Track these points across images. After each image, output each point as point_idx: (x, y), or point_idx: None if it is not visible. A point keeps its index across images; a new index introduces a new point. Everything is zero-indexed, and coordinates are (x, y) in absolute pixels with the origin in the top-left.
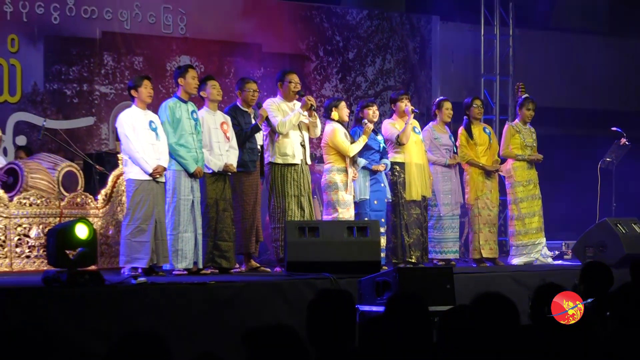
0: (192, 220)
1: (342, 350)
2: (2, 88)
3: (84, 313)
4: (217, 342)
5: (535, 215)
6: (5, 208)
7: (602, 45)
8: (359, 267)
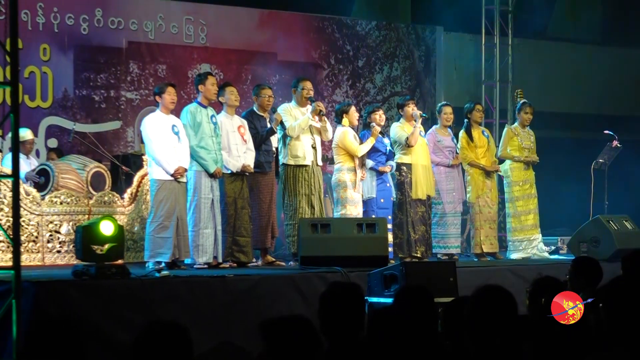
0: (212, 217)
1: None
2: (35, 94)
3: (111, 304)
4: (235, 332)
5: (530, 213)
6: (37, 206)
7: (595, 53)
8: (367, 262)
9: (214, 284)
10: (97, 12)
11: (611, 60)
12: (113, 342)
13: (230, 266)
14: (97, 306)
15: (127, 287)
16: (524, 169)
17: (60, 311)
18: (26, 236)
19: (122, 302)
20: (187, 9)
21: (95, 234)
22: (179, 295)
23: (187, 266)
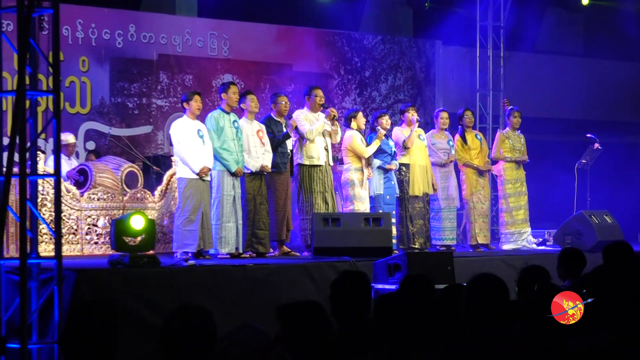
0: (233, 212)
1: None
2: (75, 101)
3: (142, 290)
4: (254, 315)
5: (521, 209)
6: (77, 202)
7: (578, 65)
8: (373, 252)
9: (235, 272)
10: (130, 28)
11: (592, 71)
12: (144, 325)
13: (250, 256)
14: (130, 292)
15: (157, 275)
16: (516, 168)
17: (97, 296)
18: (67, 229)
19: (152, 288)
20: (212, 25)
21: (127, 227)
22: (203, 282)
23: (211, 256)
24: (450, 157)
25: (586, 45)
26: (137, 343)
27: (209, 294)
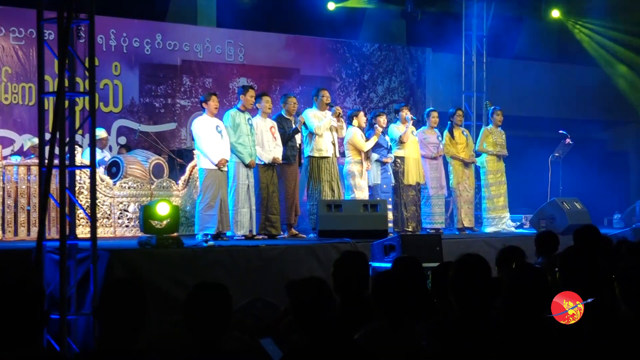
0: (248, 199)
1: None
2: (109, 101)
3: (167, 268)
4: (266, 290)
5: (501, 196)
6: (110, 190)
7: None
8: (371, 234)
9: (250, 252)
10: (157, 37)
11: (564, 75)
12: (169, 299)
13: (262, 238)
14: (157, 269)
15: (181, 255)
16: (497, 160)
17: (128, 273)
18: (101, 214)
19: (176, 266)
20: (229, 34)
21: (155, 212)
22: (221, 261)
23: (229, 238)
24: (440, 151)
25: (558, 52)
26: (162, 315)
27: (226, 271)
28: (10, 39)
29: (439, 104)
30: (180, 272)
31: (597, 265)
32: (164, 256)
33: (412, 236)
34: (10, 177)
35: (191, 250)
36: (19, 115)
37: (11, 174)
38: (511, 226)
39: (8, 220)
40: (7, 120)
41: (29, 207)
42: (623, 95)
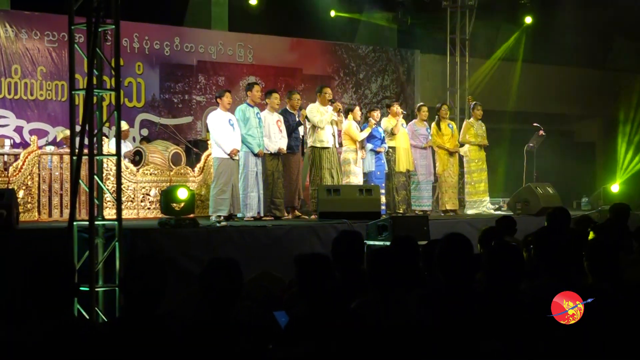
0: (256, 184)
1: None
2: (132, 97)
3: (184, 245)
4: (272, 264)
5: (482, 182)
6: (133, 176)
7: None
8: (366, 216)
9: (258, 231)
10: (175, 40)
11: (538, 73)
12: (186, 273)
13: (269, 219)
14: (175, 247)
15: (197, 234)
16: (478, 150)
17: (149, 250)
18: (126, 197)
19: (192, 244)
20: (239, 37)
21: (175, 196)
22: (233, 239)
23: (239, 219)
24: (429, 142)
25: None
26: (180, 287)
27: (236, 248)
28: (45, 42)
29: (427, 100)
30: (196, 249)
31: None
32: (181, 235)
33: (402, 217)
34: (45, 164)
35: (206, 230)
36: (52, 109)
37: (46, 162)
38: (490, 209)
39: (43, 203)
40: (42, 114)
41: (62, 191)
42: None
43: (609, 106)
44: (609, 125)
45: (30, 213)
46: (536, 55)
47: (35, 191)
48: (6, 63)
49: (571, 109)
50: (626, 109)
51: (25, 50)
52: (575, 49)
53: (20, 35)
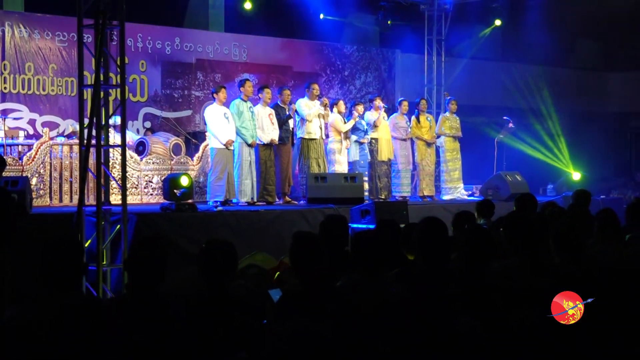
0: (250, 172)
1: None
2: (136, 92)
3: (184, 228)
4: (264, 246)
5: (456, 170)
6: (137, 165)
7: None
8: (350, 201)
9: (252, 215)
10: (176, 40)
11: (507, 70)
12: (185, 253)
13: (262, 204)
14: (176, 229)
15: (195, 217)
16: (453, 141)
17: (152, 233)
18: (130, 184)
19: (191, 227)
20: (235, 38)
21: (177, 183)
22: (228, 222)
23: (234, 204)
24: (408, 134)
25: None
26: (180, 266)
27: (232, 231)
28: (56, 42)
29: (406, 95)
30: (194, 231)
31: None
32: (181, 219)
33: (383, 202)
34: (56, 154)
35: (203, 214)
36: (63, 103)
37: (57, 152)
38: (464, 194)
39: (54, 190)
40: (53, 108)
41: (72, 178)
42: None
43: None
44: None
45: (42, 199)
46: (506, 54)
47: (47, 179)
48: (20, 61)
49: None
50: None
51: (38, 49)
52: (542, 49)
53: (34, 36)
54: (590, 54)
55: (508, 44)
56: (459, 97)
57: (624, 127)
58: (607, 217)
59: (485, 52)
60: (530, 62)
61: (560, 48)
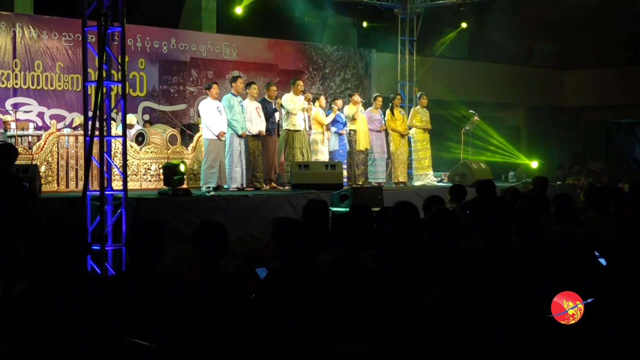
0: (240, 161)
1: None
2: (136, 88)
3: (180, 211)
4: (253, 227)
5: (426, 159)
6: (137, 154)
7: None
8: (331, 187)
9: (241, 200)
10: (172, 40)
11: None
12: (181, 234)
13: (250, 189)
14: (172, 213)
15: (190, 202)
16: (423, 133)
17: (150, 216)
18: (130, 171)
19: (186, 210)
20: (225, 38)
21: (177, 169)
22: (220, 206)
23: (225, 189)
24: (383, 126)
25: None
26: (176, 246)
27: (223, 214)
28: (62, 41)
29: (381, 91)
30: (189, 214)
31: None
32: (177, 203)
33: (360, 188)
34: (63, 144)
35: (197, 199)
36: (69, 98)
37: (63, 142)
38: (434, 181)
39: (61, 177)
40: (60, 102)
41: (77, 166)
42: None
43: (533, 97)
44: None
45: (50, 184)
46: (472, 53)
47: (54, 166)
48: (30, 59)
49: (500, 99)
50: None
51: (46, 48)
52: (505, 49)
53: (42, 36)
54: (548, 53)
55: (474, 44)
56: (429, 92)
57: (578, 120)
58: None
59: (453, 52)
60: (494, 61)
61: (521, 48)
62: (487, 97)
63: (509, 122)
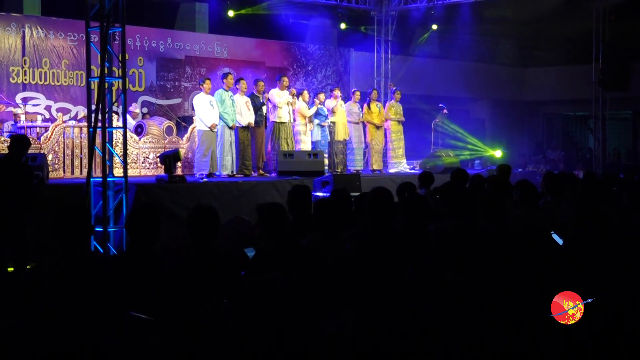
0: (230, 150)
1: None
2: (135, 83)
3: (175, 196)
4: (242, 211)
5: (400, 148)
6: (136, 144)
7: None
8: (313, 174)
9: (231, 186)
10: (168, 39)
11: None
12: (176, 217)
13: (240, 176)
14: (168, 197)
15: (185, 187)
16: (397, 124)
17: (149, 200)
18: (130, 160)
19: (181, 195)
20: (217, 38)
21: (179, 156)
22: (212, 192)
23: (217, 176)
24: (360, 118)
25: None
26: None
27: (215, 199)
28: (67, 41)
29: (359, 86)
30: (184, 199)
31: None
32: (173, 188)
33: (340, 175)
34: (68, 135)
35: (191, 185)
36: (74, 92)
37: (69, 133)
38: (407, 168)
39: (67, 164)
40: (66, 96)
41: (81, 155)
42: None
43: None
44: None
45: (57, 172)
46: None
47: (61, 155)
48: (38, 57)
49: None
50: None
51: (52, 47)
52: (471, 48)
53: (49, 36)
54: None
55: (443, 44)
56: (402, 88)
57: (537, 112)
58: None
59: (424, 51)
60: (462, 59)
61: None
62: (455, 92)
63: (475, 115)
